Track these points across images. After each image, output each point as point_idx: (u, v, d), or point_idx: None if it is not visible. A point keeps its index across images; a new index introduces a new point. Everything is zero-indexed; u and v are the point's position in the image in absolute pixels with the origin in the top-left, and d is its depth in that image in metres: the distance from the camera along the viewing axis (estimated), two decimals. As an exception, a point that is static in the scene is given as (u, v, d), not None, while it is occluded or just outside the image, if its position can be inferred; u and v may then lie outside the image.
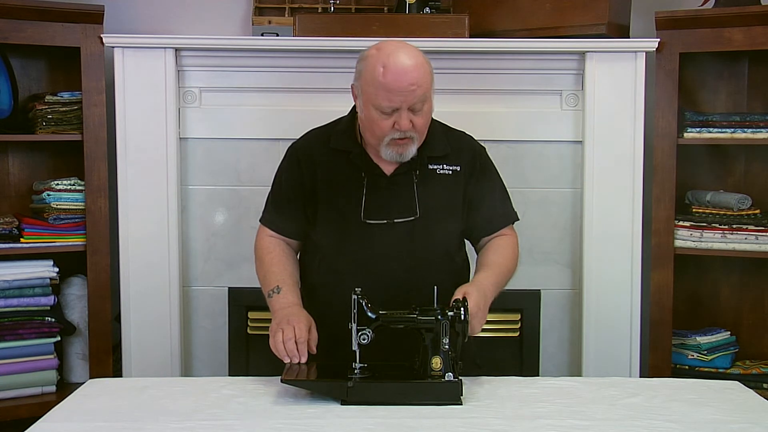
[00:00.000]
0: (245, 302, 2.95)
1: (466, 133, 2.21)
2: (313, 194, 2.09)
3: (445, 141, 2.12)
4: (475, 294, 1.91)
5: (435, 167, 2.08)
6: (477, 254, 2.19)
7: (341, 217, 2.06)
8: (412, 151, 2.01)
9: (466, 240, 2.20)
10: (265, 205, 2.21)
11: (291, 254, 2.17)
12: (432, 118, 2.10)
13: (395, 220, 2.03)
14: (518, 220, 2.21)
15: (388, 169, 2.07)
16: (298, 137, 2.21)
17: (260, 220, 2.21)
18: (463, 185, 2.10)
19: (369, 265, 2.02)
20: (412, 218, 2.04)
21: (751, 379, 2.95)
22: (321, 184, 2.08)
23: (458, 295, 1.90)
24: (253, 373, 2.59)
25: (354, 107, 2.10)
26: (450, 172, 2.09)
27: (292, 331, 1.91)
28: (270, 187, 2.22)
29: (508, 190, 2.22)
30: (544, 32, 2.92)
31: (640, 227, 2.90)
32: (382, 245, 2.03)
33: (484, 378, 1.95)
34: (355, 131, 2.10)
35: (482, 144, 2.22)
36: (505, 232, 2.18)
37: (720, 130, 2.98)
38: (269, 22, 3.13)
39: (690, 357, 3.04)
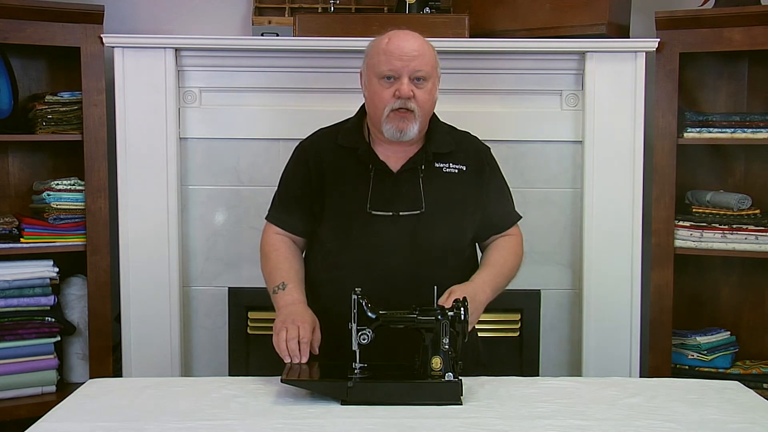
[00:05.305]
0: (245, 302, 2.95)
1: (471, 133, 2.22)
2: (320, 191, 2.10)
3: (449, 139, 2.13)
4: (458, 292, 1.91)
5: (441, 165, 2.09)
6: (481, 252, 2.20)
7: (347, 208, 2.06)
8: (413, 129, 2.00)
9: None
10: (272, 202, 2.22)
11: (297, 252, 2.17)
12: (437, 117, 2.13)
13: (401, 213, 2.04)
14: (521, 218, 2.23)
15: (394, 166, 2.08)
16: (303, 137, 2.22)
17: (266, 218, 2.20)
18: (474, 186, 2.11)
19: (373, 258, 2.02)
20: (418, 212, 2.04)
21: (751, 379, 2.95)
22: (328, 179, 2.09)
23: (446, 294, 1.91)
24: (253, 373, 2.58)
25: (362, 106, 2.12)
26: (456, 170, 2.10)
27: (296, 331, 1.91)
28: (277, 185, 2.22)
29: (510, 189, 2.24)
30: (544, 32, 2.92)
31: (640, 227, 2.90)
32: (386, 238, 2.03)
33: (484, 378, 1.95)
34: (362, 129, 2.12)
35: (487, 144, 2.23)
36: (512, 231, 2.20)
37: (720, 130, 2.97)
38: (269, 22, 3.13)
39: (690, 357, 3.04)
